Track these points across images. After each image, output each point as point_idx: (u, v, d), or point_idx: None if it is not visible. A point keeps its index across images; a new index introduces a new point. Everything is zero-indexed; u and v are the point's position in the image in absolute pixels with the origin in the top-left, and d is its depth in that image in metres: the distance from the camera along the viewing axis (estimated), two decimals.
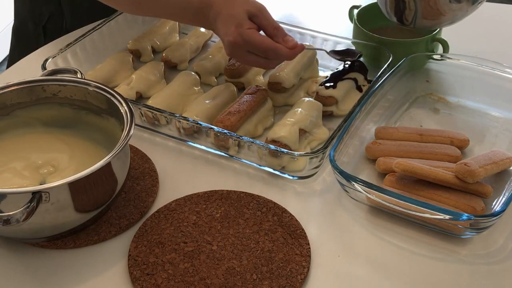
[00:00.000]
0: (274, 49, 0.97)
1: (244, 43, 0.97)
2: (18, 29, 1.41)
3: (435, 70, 1.15)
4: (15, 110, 0.96)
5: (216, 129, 0.99)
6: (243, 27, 0.97)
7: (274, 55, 0.98)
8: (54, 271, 0.85)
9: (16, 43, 1.41)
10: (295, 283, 0.82)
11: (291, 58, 1.00)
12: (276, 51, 0.97)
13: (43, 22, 1.34)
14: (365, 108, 1.02)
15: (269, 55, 0.98)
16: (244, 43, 0.97)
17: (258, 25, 0.99)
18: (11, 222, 0.77)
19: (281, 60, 1.03)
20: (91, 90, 0.95)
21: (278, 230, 0.88)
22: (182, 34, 1.29)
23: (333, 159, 0.90)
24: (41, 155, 0.93)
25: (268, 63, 1.02)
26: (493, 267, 0.85)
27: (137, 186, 0.96)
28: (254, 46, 0.97)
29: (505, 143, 1.03)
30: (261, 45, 0.97)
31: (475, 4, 1.08)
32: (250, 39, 0.96)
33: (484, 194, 0.90)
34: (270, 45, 0.97)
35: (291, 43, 0.99)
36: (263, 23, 0.99)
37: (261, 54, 0.98)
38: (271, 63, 1.02)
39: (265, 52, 0.98)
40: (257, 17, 0.99)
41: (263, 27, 1.00)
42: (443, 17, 1.10)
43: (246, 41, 0.96)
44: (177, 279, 0.82)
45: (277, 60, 1.01)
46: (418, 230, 0.89)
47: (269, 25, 0.99)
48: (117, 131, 0.91)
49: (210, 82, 1.17)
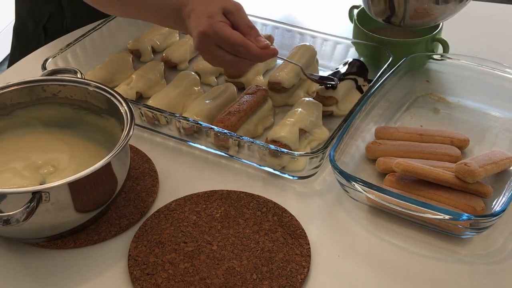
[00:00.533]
0: (245, 45, 0.93)
1: (214, 35, 0.93)
2: (18, 29, 1.41)
3: (435, 70, 1.15)
4: (15, 110, 0.96)
5: (216, 129, 0.99)
6: (215, 19, 0.93)
7: (243, 52, 0.93)
8: (54, 271, 0.85)
9: (17, 43, 1.42)
10: (295, 283, 0.82)
11: (261, 59, 0.96)
12: (246, 47, 0.93)
13: (44, 22, 1.34)
14: (365, 108, 1.02)
15: (239, 51, 0.94)
16: (214, 35, 0.93)
17: (232, 22, 0.96)
18: (11, 222, 0.77)
19: (251, 61, 0.97)
20: (91, 90, 0.95)
21: (278, 230, 0.88)
22: (182, 34, 1.29)
23: (333, 159, 0.90)
24: (41, 155, 0.93)
25: (236, 63, 0.96)
26: (493, 267, 0.85)
27: (137, 186, 0.96)
28: (224, 39, 0.93)
29: (505, 143, 1.03)
30: (231, 39, 0.93)
31: (462, 2, 1.09)
32: (220, 31, 0.92)
33: (484, 194, 0.90)
34: (240, 40, 0.93)
35: (262, 43, 0.94)
36: (237, 21, 0.96)
37: (231, 49, 0.94)
38: (240, 63, 0.96)
39: (234, 46, 0.93)
40: (232, 14, 0.95)
41: (236, 24, 0.96)
42: (432, 16, 1.10)
43: (216, 33, 0.93)
44: (177, 279, 0.82)
45: (246, 58, 0.95)
46: (418, 230, 0.89)
47: (243, 23, 0.96)
48: (117, 131, 0.91)
49: (210, 82, 1.17)
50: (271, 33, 1.24)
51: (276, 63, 1.22)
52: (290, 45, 1.22)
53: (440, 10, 1.09)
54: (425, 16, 1.10)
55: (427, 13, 1.09)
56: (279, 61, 1.21)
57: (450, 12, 1.10)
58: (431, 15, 1.10)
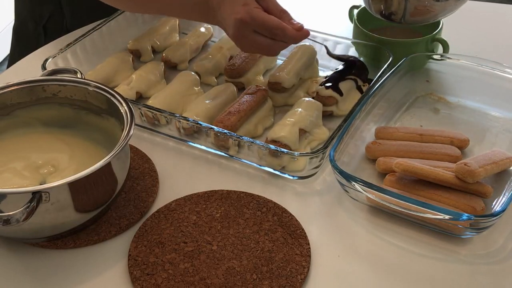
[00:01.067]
0: (282, 28, 0.96)
1: (252, 21, 0.95)
2: (18, 29, 1.41)
3: (435, 70, 1.15)
4: (15, 110, 0.96)
5: (216, 129, 0.99)
6: (250, 6, 0.96)
7: (281, 35, 0.96)
8: (54, 271, 0.85)
9: (17, 43, 1.42)
10: (295, 283, 0.82)
11: (297, 40, 0.99)
12: (283, 30, 0.96)
13: (44, 22, 1.34)
14: (365, 108, 1.02)
15: (276, 34, 0.96)
16: (251, 21, 0.95)
17: (265, 8, 0.98)
18: (11, 222, 0.77)
19: (287, 44, 1.00)
20: (91, 90, 0.95)
21: (278, 230, 0.88)
22: (182, 34, 1.29)
23: (333, 159, 0.90)
24: (41, 155, 0.93)
25: (273, 46, 0.99)
26: (493, 267, 0.85)
27: (137, 186, 0.96)
28: (262, 24, 0.96)
29: (505, 143, 1.03)
30: (269, 23, 0.95)
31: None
32: (258, 16, 0.95)
33: (484, 194, 0.90)
34: (278, 24, 0.96)
35: (297, 25, 0.97)
36: (269, 6, 0.98)
37: (268, 33, 0.97)
38: (276, 46, 0.99)
39: (272, 30, 0.96)
40: (264, 0, 0.98)
41: (269, 10, 0.98)
42: (432, 13, 1.11)
43: (253, 19, 0.95)
44: (177, 279, 0.82)
45: (283, 42, 0.99)
46: (418, 230, 0.89)
47: (275, 8, 0.99)
48: (117, 131, 0.91)
49: (210, 82, 1.17)
50: None
51: (276, 63, 1.22)
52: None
53: (440, 7, 1.09)
54: (425, 13, 1.10)
55: (428, 10, 1.09)
56: (279, 61, 1.21)
57: (451, 9, 1.10)
58: (432, 12, 1.10)
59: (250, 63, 1.15)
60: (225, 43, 1.20)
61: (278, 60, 1.22)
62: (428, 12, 1.10)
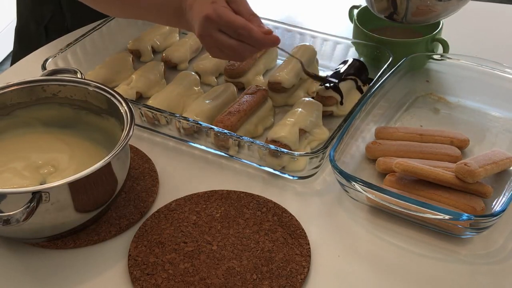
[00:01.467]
0: (248, 28, 0.92)
1: (218, 18, 0.92)
2: (20, 30, 1.41)
3: (435, 70, 1.15)
4: (15, 110, 0.96)
5: (216, 129, 0.99)
6: (218, 3, 0.93)
7: (246, 35, 0.92)
8: (54, 271, 0.85)
9: (19, 45, 1.41)
10: (295, 283, 0.82)
11: (263, 44, 0.95)
12: (249, 30, 0.92)
13: (45, 22, 1.34)
14: (365, 108, 1.02)
15: (242, 34, 0.92)
16: (217, 18, 0.92)
17: (235, 10, 0.95)
18: (11, 222, 0.77)
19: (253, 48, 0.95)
20: (91, 90, 0.95)
21: (278, 230, 0.88)
22: (182, 34, 1.29)
23: (333, 159, 0.90)
24: (41, 155, 0.93)
25: (238, 47, 0.94)
26: (493, 267, 0.85)
27: (137, 186, 0.96)
28: (227, 22, 0.92)
29: (505, 143, 1.03)
30: (234, 21, 0.92)
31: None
32: (224, 14, 0.92)
33: (484, 194, 0.90)
34: (243, 23, 0.92)
35: (265, 29, 0.94)
36: (240, 8, 0.95)
37: (233, 33, 0.93)
38: (242, 48, 0.94)
39: (237, 29, 0.92)
40: (235, 2, 0.95)
41: (239, 12, 0.95)
42: (434, 13, 1.11)
43: (219, 16, 0.92)
44: (177, 279, 0.82)
45: (248, 44, 0.94)
46: (418, 230, 0.89)
47: (245, 11, 0.95)
48: (117, 131, 0.91)
49: (210, 82, 1.17)
50: None
51: (276, 63, 1.22)
52: (290, 45, 1.22)
53: (442, 7, 1.09)
54: (427, 13, 1.10)
55: (430, 10, 1.09)
56: (279, 61, 1.21)
57: (453, 9, 1.10)
58: (433, 12, 1.10)
59: (250, 63, 1.15)
60: None
61: (278, 60, 1.22)
62: (430, 12, 1.10)
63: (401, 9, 1.10)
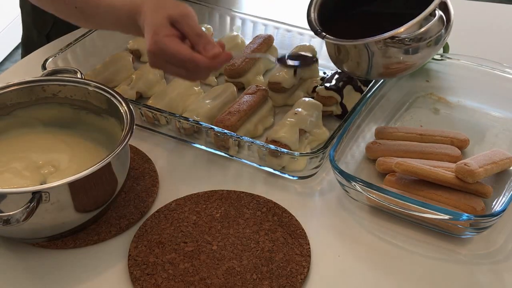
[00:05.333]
0: (192, 59, 0.88)
1: (160, 52, 0.88)
2: (25, 39, 1.41)
3: (435, 70, 1.15)
4: (15, 110, 0.96)
5: (216, 129, 0.99)
6: (159, 35, 0.88)
7: (192, 67, 0.89)
8: (54, 271, 0.85)
9: (26, 53, 1.40)
10: (295, 283, 0.82)
11: (214, 67, 0.91)
12: (193, 61, 0.88)
13: (47, 31, 1.34)
14: (365, 108, 1.02)
15: (188, 67, 0.89)
16: (160, 52, 0.88)
17: (181, 31, 0.90)
18: (11, 222, 0.77)
19: (205, 72, 0.92)
20: (91, 90, 0.95)
21: (278, 230, 0.88)
22: None
23: (333, 159, 0.90)
24: (42, 155, 0.93)
25: (189, 75, 0.92)
26: (493, 267, 0.85)
27: (137, 186, 0.96)
28: (171, 56, 0.88)
29: (505, 143, 1.03)
30: (177, 55, 0.88)
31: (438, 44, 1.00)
32: (165, 47, 0.88)
33: (484, 194, 0.90)
34: (186, 55, 0.88)
35: (211, 52, 0.89)
36: (185, 29, 0.90)
37: (181, 66, 0.90)
38: (193, 75, 0.92)
39: (182, 62, 0.89)
40: (179, 23, 0.90)
41: (185, 33, 0.90)
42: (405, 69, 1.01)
43: (162, 50, 0.88)
44: (177, 279, 0.82)
45: (198, 71, 0.91)
46: (418, 230, 0.89)
47: (190, 32, 0.90)
48: (117, 131, 0.91)
49: (210, 82, 1.17)
50: (271, 33, 1.23)
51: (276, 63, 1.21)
52: (290, 45, 1.22)
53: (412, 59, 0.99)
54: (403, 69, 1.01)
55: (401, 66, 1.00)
56: None
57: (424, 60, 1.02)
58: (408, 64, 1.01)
59: (250, 63, 1.15)
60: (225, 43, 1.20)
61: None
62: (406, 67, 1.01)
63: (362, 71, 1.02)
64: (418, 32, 0.94)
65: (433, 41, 0.97)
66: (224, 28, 1.29)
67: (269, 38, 1.20)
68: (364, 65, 0.99)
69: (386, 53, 0.96)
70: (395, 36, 0.94)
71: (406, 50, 0.96)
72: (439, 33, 0.97)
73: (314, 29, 1.03)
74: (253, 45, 1.17)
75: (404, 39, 0.94)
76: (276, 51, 1.21)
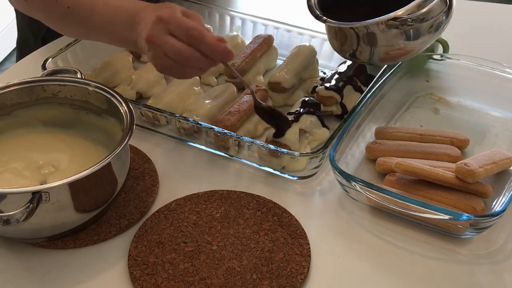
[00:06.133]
0: (200, 30, 0.87)
1: (170, 18, 0.88)
2: (20, 42, 1.41)
3: (435, 70, 1.15)
4: (15, 110, 0.96)
5: (216, 129, 0.99)
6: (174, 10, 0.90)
7: (197, 37, 0.87)
8: (54, 271, 0.85)
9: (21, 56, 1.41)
10: (295, 283, 0.82)
11: (215, 50, 0.88)
12: (201, 32, 0.87)
13: (42, 35, 1.33)
14: (365, 108, 1.02)
15: (193, 36, 0.87)
16: (169, 18, 0.88)
17: None
18: (11, 222, 0.77)
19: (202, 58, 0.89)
20: (91, 90, 0.95)
21: (278, 230, 0.88)
22: None
23: (333, 159, 0.90)
24: (42, 155, 0.93)
25: (187, 52, 0.88)
26: (493, 267, 0.85)
27: (137, 186, 0.96)
28: (179, 22, 0.88)
29: (505, 143, 1.03)
30: (187, 23, 0.88)
31: (438, 30, 1.01)
32: (177, 16, 0.88)
33: (484, 194, 0.90)
34: (195, 25, 0.88)
35: (219, 37, 0.89)
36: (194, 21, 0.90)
37: (184, 36, 0.88)
38: (190, 53, 0.88)
39: (189, 31, 0.87)
40: (190, 16, 0.91)
41: None
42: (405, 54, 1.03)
43: (172, 17, 0.88)
44: (177, 279, 0.82)
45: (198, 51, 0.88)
46: (418, 230, 0.89)
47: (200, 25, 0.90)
48: (117, 131, 0.91)
49: (210, 82, 1.17)
50: (271, 33, 1.23)
51: (276, 63, 1.22)
52: (290, 45, 1.22)
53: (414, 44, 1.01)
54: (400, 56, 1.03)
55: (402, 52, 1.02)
56: (279, 61, 1.21)
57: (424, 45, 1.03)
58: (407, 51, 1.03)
59: (250, 63, 1.15)
60: None
61: (278, 60, 1.22)
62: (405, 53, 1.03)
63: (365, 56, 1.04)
64: (420, 12, 0.95)
65: (434, 24, 0.98)
66: (224, 28, 1.29)
67: (269, 38, 1.20)
68: (366, 49, 1.00)
69: (388, 35, 0.96)
70: (398, 17, 0.95)
71: (408, 32, 0.97)
72: (441, 16, 0.97)
73: (314, 14, 1.03)
74: (253, 45, 1.17)
75: (406, 19, 0.95)
76: (276, 51, 1.21)
